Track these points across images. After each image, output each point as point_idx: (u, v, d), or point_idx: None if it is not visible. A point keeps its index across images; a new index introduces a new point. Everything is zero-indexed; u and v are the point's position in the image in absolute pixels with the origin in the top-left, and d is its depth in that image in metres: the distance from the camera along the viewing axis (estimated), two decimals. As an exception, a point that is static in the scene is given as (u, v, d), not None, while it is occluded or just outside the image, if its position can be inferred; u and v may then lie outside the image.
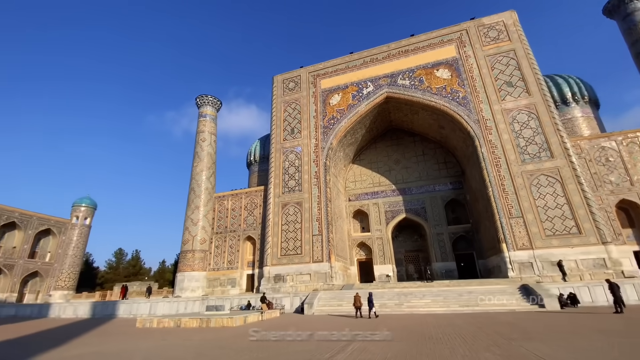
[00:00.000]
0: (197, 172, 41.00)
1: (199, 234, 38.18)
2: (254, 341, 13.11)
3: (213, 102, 45.34)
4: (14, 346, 14.50)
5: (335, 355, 9.37)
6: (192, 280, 36.04)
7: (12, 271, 41.67)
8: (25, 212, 43.85)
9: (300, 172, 36.75)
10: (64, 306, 34.41)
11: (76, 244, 48.28)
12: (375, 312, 19.87)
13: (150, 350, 12.27)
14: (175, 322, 20.11)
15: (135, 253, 70.12)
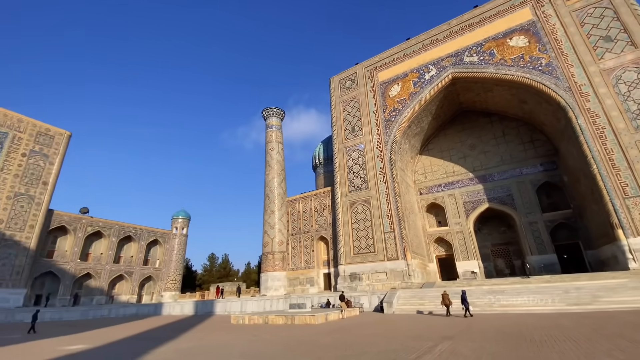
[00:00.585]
0: (269, 180, 43.76)
1: (277, 236, 40.61)
2: (338, 338, 13.35)
3: (277, 113, 47.92)
4: (141, 340, 17.33)
5: (422, 356, 8.94)
6: (274, 280, 38.49)
7: (131, 276, 50.36)
8: (138, 227, 52.59)
9: (365, 170, 36.32)
10: (172, 305, 40.10)
11: (177, 251, 55.96)
12: (471, 311, 18.51)
13: (245, 344, 13.44)
14: (263, 319, 21.69)
15: (225, 257, 78.14)
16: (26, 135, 39.03)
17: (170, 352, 12.23)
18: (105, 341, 16.15)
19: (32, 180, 38.49)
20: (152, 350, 12.63)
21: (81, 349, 13.86)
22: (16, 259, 35.60)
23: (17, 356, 12.61)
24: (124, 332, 20.00)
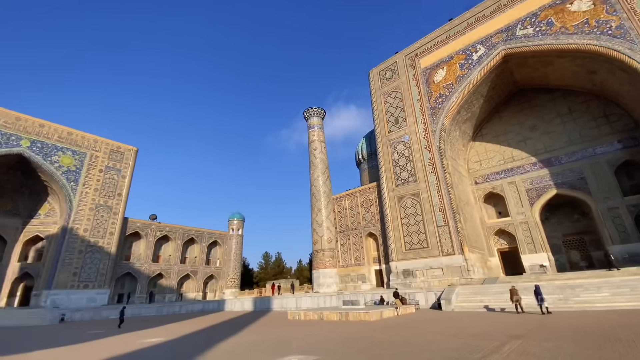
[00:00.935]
0: (314, 179, 44.38)
1: (325, 234, 41.06)
2: (395, 335, 13.09)
3: (318, 113, 48.36)
4: (209, 334, 18.74)
5: (487, 355, 8.38)
6: (326, 276, 38.98)
7: (196, 275, 54.77)
8: (199, 229, 57.00)
9: (412, 162, 34.99)
10: (233, 301, 42.73)
11: (235, 250, 59.53)
12: (547, 308, 16.97)
13: (302, 340, 13.83)
14: (318, 315, 22.10)
15: (278, 255, 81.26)
16: (101, 154, 44.49)
17: (234, 345, 13.06)
18: (178, 334, 17.79)
19: (109, 192, 43.77)
20: (219, 344, 13.61)
21: (159, 341, 15.44)
22: (100, 262, 40.84)
23: (108, 347, 14.45)
24: (193, 327, 21.84)
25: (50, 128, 40.43)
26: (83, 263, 39.27)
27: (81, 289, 38.46)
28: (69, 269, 38.00)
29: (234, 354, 11.23)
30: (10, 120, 37.37)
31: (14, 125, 37.51)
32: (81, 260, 39.18)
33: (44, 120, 40.21)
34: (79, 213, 40.22)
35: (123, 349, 13.25)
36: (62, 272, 37.47)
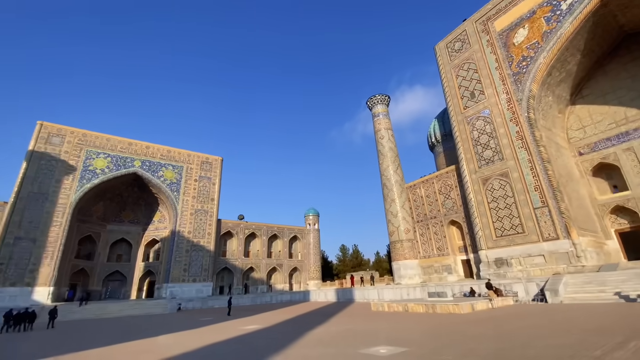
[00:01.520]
0: (384, 168, 43.30)
1: (401, 224, 39.80)
2: (491, 329, 12.03)
3: (382, 100, 46.88)
4: (298, 323, 20.00)
5: (609, 352, 7.07)
6: (407, 268, 37.86)
7: (282, 268, 59.01)
8: (280, 226, 61.24)
9: (495, 139, 31.34)
10: (318, 292, 44.75)
11: (313, 244, 62.27)
12: None
13: (389, 331, 13.72)
14: (403, 307, 21.64)
15: (354, 247, 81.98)
16: (194, 165, 51.05)
17: (323, 334, 13.68)
18: (272, 323, 19.45)
19: (204, 198, 50.06)
20: (309, 332, 14.43)
21: (256, 328, 17.12)
22: (203, 259, 47.09)
23: (217, 332, 16.59)
24: (284, 316, 23.61)
25: (154, 148, 47.99)
26: (190, 260, 45.86)
27: (190, 282, 45.00)
28: (180, 266, 44.82)
29: (323, 342, 11.77)
30: (124, 145, 45.54)
31: (128, 149, 45.61)
32: (188, 258, 45.81)
33: (149, 143, 47.88)
34: (182, 218, 47.01)
35: (229, 334, 15.08)
36: (175, 268, 44.41)
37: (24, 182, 36.88)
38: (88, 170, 41.47)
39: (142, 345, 13.21)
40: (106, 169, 42.85)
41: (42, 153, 38.94)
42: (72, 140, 41.47)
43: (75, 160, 40.85)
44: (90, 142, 42.74)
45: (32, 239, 35.95)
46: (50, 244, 36.77)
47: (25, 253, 35.32)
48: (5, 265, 34.13)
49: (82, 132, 42.65)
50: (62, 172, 39.58)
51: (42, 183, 37.99)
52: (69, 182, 39.69)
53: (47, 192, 38.02)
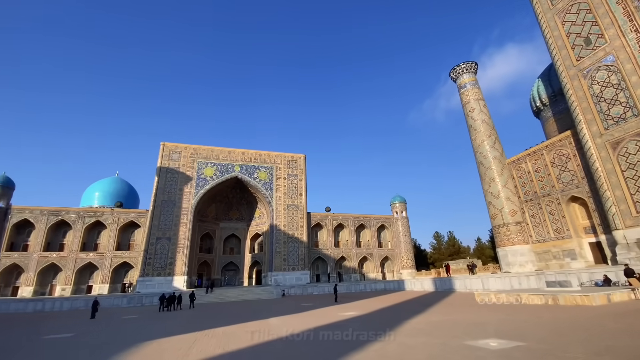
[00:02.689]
0: (478, 145, 38.94)
1: (505, 206, 35.29)
2: (637, 324, 9.76)
3: (468, 68, 42.06)
4: (395, 311, 19.87)
5: None
6: (516, 254, 33.51)
7: (372, 257, 59.25)
8: (366, 215, 61.56)
9: (625, 90, 24.88)
10: (412, 281, 43.42)
11: (403, 232, 60.55)
12: None
13: (498, 323, 12.46)
14: (515, 298, 19.32)
15: (450, 234, 76.44)
16: (282, 165, 55.21)
17: (422, 324, 13.30)
18: (369, 310, 19.80)
19: (293, 194, 53.84)
20: (407, 321, 14.21)
21: (354, 315, 17.69)
22: (298, 249, 50.83)
23: (319, 317, 17.77)
24: (380, 304, 23.75)
25: (248, 154, 53.67)
26: (287, 251, 50.09)
27: (290, 270, 49.15)
28: (280, 256, 49.37)
29: (424, 331, 11.44)
30: (225, 154, 52.15)
31: (228, 157, 52.12)
32: (286, 249, 50.10)
33: (244, 149, 53.75)
34: (277, 213, 51.53)
35: (329, 319, 16.01)
36: (276, 258, 49.12)
37: (157, 193, 46.01)
38: (200, 178, 49.15)
39: (257, 326, 15.12)
40: (214, 175, 50.03)
41: (167, 168, 47.80)
42: (187, 154, 49.66)
43: (191, 171, 48.88)
44: (199, 155, 50.47)
45: (167, 237, 44.68)
46: (180, 241, 45.05)
47: (164, 249, 44.14)
48: (153, 259, 43.32)
49: (193, 147, 50.60)
50: (183, 182, 47.89)
51: (169, 192, 46.74)
52: (188, 189, 47.80)
53: (174, 199, 46.58)
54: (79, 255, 44.69)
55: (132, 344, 11.54)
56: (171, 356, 9.18)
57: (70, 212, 46.37)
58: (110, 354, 9.78)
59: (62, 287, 43.17)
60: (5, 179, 44.13)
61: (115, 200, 54.47)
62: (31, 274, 42.30)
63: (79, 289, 44.42)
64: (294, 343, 10.46)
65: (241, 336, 12.26)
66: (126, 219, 47.98)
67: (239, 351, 9.68)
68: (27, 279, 42.20)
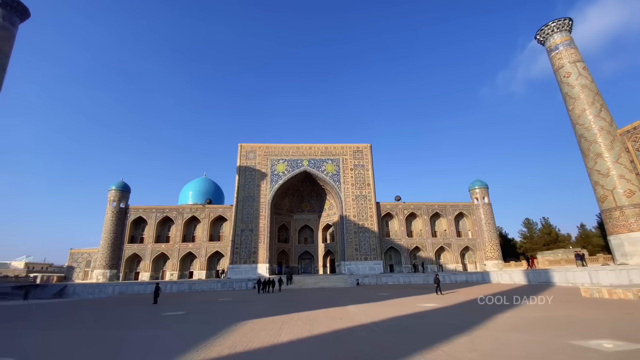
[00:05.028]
0: (577, 115, 33.15)
1: (618, 185, 29.50)
2: None
3: (560, 26, 35.85)
4: (481, 305, 18.48)
5: None
6: (635, 243, 27.87)
7: (450, 247, 55.63)
8: (441, 203, 57.86)
9: None
10: (500, 273, 39.67)
11: (485, 220, 55.32)
12: None
13: (614, 322, 10.67)
14: (634, 294, 16.26)
15: (545, 221, 67.03)
16: (348, 156, 55.40)
17: (515, 319, 12.18)
18: (450, 302, 18.87)
19: (361, 184, 53.72)
20: (497, 315, 13.17)
21: (435, 306, 17.07)
22: (369, 239, 50.73)
23: (396, 307, 17.64)
24: (462, 297, 22.38)
25: (315, 148, 55.27)
26: (358, 241, 50.46)
27: (362, 260, 49.48)
28: (351, 246, 50.04)
29: (517, 327, 10.48)
30: (294, 150, 54.62)
31: (296, 152, 54.49)
32: (357, 239, 50.52)
33: (311, 144, 55.50)
34: (346, 204, 52.15)
35: (408, 310, 15.79)
36: (348, 248, 49.93)
37: (239, 189, 50.85)
38: (274, 174, 52.60)
39: (337, 312, 15.75)
40: (285, 171, 53.04)
41: (245, 167, 52.34)
42: (261, 153, 53.58)
43: (265, 168, 52.65)
44: (271, 152, 53.96)
45: (250, 229, 49.14)
46: (261, 232, 49.11)
47: (248, 240, 48.68)
48: (239, 249, 48.19)
49: (266, 145, 54.28)
50: (259, 178, 51.92)
51: (249, 188, 51.20)
52: (264, 185, 51.66)
53: (253, 194, 50.88)
54: (181, 245, 52.25)
55: (230, 322, 13.18)
56: (266, 335, 10.24)
57: (172, 209, 54.37)
58: (217, 330, 11.36)
59: (171, 273, 51.15)
60: (123, 184, 53.78)
61: (205, 198, 61.94)
62: (147, 262, 51.08)
63: (183, 274, 52.06)
64: (375, 331, 10.65)
65: (324, 321, 12.95)
66: (215, 213, 54.19)
67: (324, 335, 10.28)
68: (144, 265, 51.12)
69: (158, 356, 8.28)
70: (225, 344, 9.00)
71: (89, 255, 55.40)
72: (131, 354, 8.73)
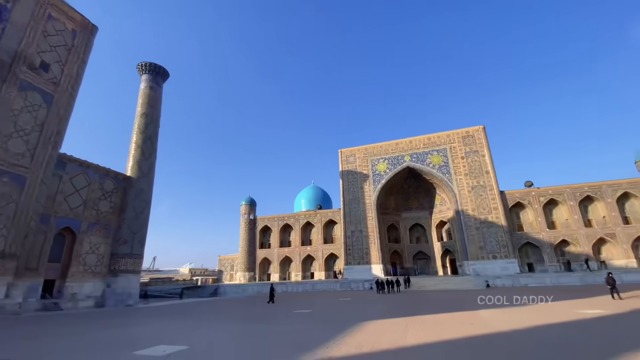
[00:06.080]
0: None
1: None
2: None
3: None
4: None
5: None
6: None
7: (615, 238, 43.05)
8: (594, 184, 45.65)
9: None
10: None
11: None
12: None
13: None
14: None
15: None
16: (456, 144, 50.10)
17: None
18: (624, 309, 14.62)
19: (476, 173, 47.65)
20: None
21: (601, 313, 13.51)
22: (497, 235, 44.18)
23: (543, 313, 14.78)
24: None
25: (416, 141, 52.33)
26: (482, 237, 44.71)
27: (490, 259, 43.52)
28: (474, 243, 44.73)
29: None
30: (393, 147, 53.02)
31: (396, 149, 52.72)
32: (480, 235, 44.87)
33: (411, 137, 52.85)
34: (461, 197, 47.16)
35: (561, 317, 12.99)
36: (470, 245, 44.83)
37: (344, 193, 52.52)
38: (375, 174, 52.26)
39: (465, 317, 14.27)
40: (387, 170, 52.01)
41: (347, 171, 53.82)
42: (360, 155, 54.14)
43: (366, 169, 52.87)
44: (370, 152, 53.85)
45: (359, 230, 49.96)
46: (370, 233, 49.26)
47: (359, 241, 49.52)
48: (351, 250, 49.48)
49: (364, 147, 54.59)
50: (361, 180, 52.47)
51: (353, 191, 52.34)
52: (367, 186, 51.89)
53: (358, 196, 51.71)
54: (301, 249, 57.23)
55: (354, 322, 13.53)
56: (390, 337, 10.08)
57: (290, 217, 60.32)
58: (342, 328, 11.82)
59: (295, 274, 56.51)
60: (250, 199, 62.65)
61: (315, 204, 66.43)
62: (275, 264, 57.85)
63: (305, 275, 56.77)
64: (520, 341, 9.13)
65: (452, 326, 11.90)
66: (326, 217, 57.36)
67: (455, 341, 9.42)
68: (274, 268, 58.05)
69: (298, 349, 9.13)
70: (352, 343, 9.26)
71: (232, 260, 66.54)
72: (277, 345, 9.92)
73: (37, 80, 23.83)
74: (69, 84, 26.16)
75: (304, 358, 7.74)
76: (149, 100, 38.35)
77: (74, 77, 26.69)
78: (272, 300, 26.23)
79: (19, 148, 21.99)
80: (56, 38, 25.88)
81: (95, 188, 30.42)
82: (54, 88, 24.90)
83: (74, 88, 26.73)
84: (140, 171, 34.69)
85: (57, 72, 25.40)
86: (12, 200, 20.94)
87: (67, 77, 26.04)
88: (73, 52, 27.01)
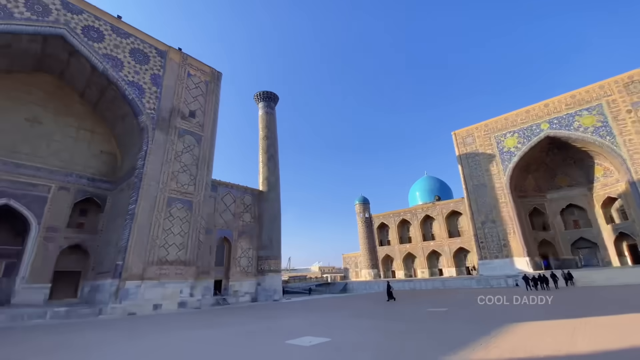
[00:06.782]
0: None
1: None
2: None
3: None
4: None
5: None
6: None
7: None
8: None
9: None
10: None
11: None
12: None
13: None
14: None
15: None
16: (617, 95, 37.75)
17: None
18: None
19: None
20: None
21: None
22: None
23: None
24: None
25: (554, 102, 42.40)
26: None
27: None
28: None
29: None
30: (522, 116, 44.51)
31: (527, 117, 44.03)
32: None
33: (546, 100, 43.23)
34: (634, 162, 35.59)
35: None
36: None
37: (466, 179, 47.21)
38: (503, 152, 44.99)
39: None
40: (518, 145, 44.06)
41: (465, 154, 48.25)
42: (479, 134, 47.73)
43: (490, 148, 46.15)
44: (492, 128, 46.81)
45: (492, 220, 43.87)
46: (506, 222, 42.56)
47: (492, 232, 43.50)
48: (485, 243, 43.91)
49: (483, 123, 47.92)
50: (485, 162, 46.09)
51: (476, 176, 46.49)
52: (494, 168, 45.19)
53: (483, 181, 45.62)
54: (423, 244, 54.48)
55: (500, 322, 11.98)
56: (553, 341, 8.47)
57: (406, 212, 58.37)
58: (488, 330, 10.62)
59: (421, 270, 54.10)
60: (363, 198, 63.76)
61: (432, 196, 62.15)
62: (398, 261, 56.80)
63: (432, 272, 53.64)
64: None
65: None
66: (447, 209, 52.93)
67: (656, 352, 7.17)
68: (397, 265, 57.11)
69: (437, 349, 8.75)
70: (503, 346, 8.22)
71: (355, 258, 69.02)
72: (416, 344, 9.77)
73: (189, 126, 30.69)
74: (210, 123, 32.71)
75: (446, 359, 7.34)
76: (267, 124, 44.01)
77: (212, 117, 33.20)
78: (391, 297, 25.61)
79: (185, 180, 28.72)
80: (195, 90, 32.75)
81: (239, 203, 36.85)
82: (200, 129, 31.58)
83: (214, 125, 33.20)
84: (269, 185, 40.08)
85: (200, 116, 32.11)
86: (186, 220, 27.50)
87: (208, 118, 32.63)
88: (208, 97, 33.65)
